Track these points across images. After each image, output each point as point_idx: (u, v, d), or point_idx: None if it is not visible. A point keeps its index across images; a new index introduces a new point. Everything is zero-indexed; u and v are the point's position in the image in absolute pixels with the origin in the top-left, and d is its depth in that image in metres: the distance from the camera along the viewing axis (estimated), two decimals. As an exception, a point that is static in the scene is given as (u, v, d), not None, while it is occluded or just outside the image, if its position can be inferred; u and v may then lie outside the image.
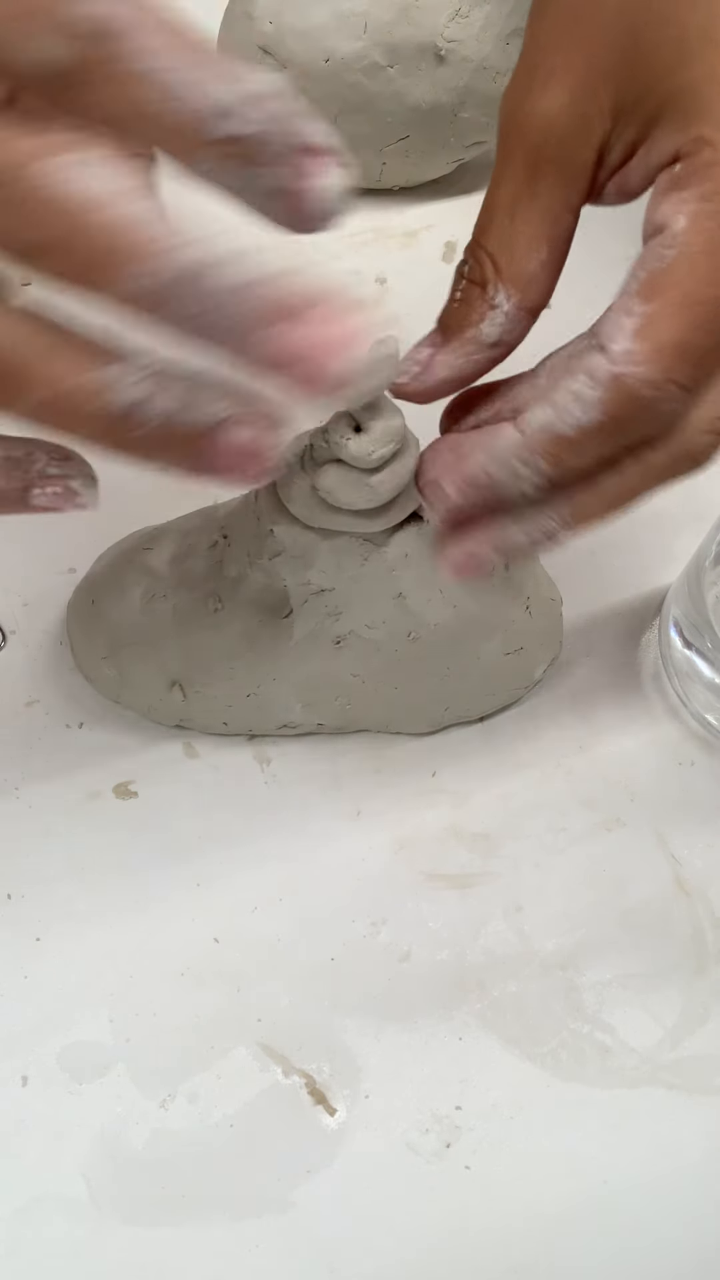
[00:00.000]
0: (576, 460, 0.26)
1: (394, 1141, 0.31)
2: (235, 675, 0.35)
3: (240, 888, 0.35)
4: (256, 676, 0.35)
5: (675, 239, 0.24)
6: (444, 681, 0.36)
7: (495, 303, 0.27)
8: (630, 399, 0.24)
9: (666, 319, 0.24)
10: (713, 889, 0.35)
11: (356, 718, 0.37)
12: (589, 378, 0.24)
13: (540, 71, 0.26)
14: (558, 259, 0.27)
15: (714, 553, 0.36)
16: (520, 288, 0.27)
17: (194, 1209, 0.30)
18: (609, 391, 0.24)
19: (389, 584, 0.33)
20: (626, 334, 0.24)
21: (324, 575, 0.33)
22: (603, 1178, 0.31)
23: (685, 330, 0.24)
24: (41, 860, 0.35)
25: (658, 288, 0.24)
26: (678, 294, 0.24)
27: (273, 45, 0.47)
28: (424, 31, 0.46)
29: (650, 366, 0.24)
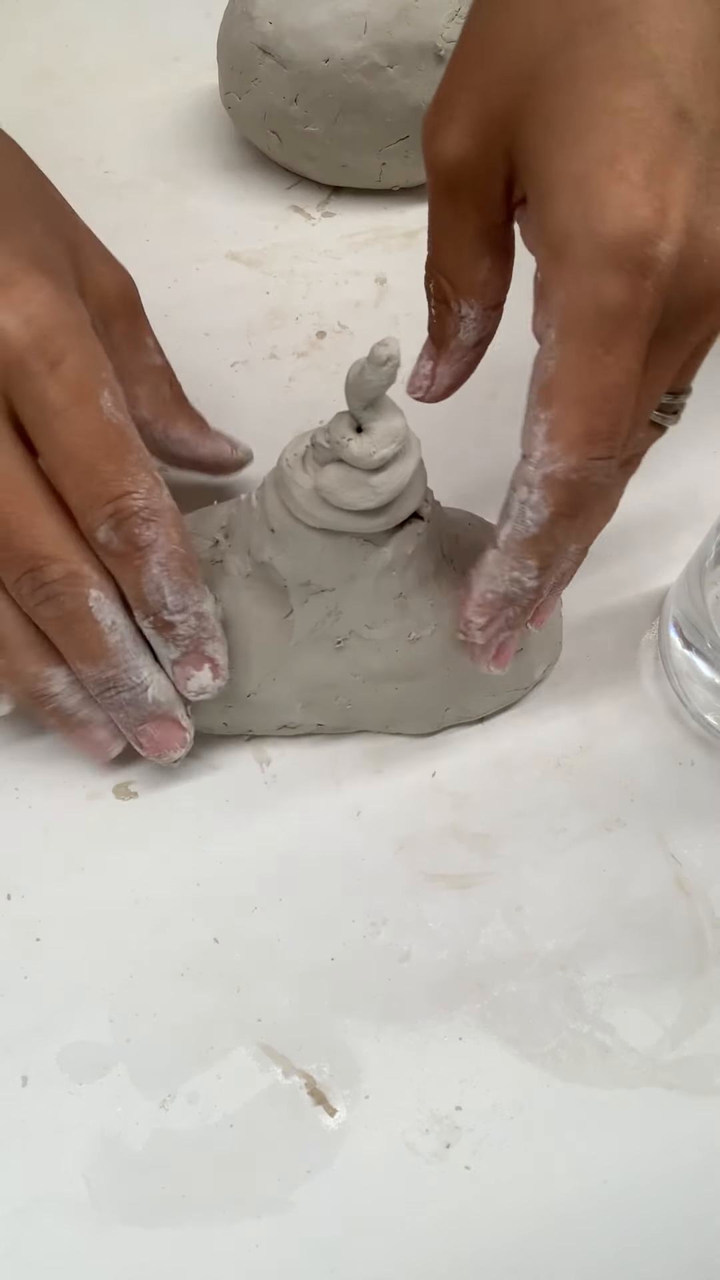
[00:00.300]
0: (550, 546, 0.30)
1: (394, 1142, 0.31)
2: (235, 675, 0.35)
3: (240, 888, 0.35)
4: (256, 676, 0.35)
5: (553, 351, 0.27)
6: (444, 683, 0.36)
7: (463, 314, 0.32)
8: (565, 488, 0.28)
9: (567, 418, 0.27)
10: (713, 889, 0.35)
11: (356, 718, 0.37)
12: (527, 487, 0.29)
13: (448, 109, 0.29)
14: (502, 262, 0.31)
15: (714, 553, 0.36)
16: (478, 296, 0.32)
17: (194, 1209, 0.30)
18: (546, 490, 0.28)
19: (390, 584, 0.33)
20: (540, 440, 0.28)
21: (324, 575, 0.33)
22: (603, 1178, 0.31)
23: (585, 421, 0.27)
24: (41, 860, 0.35)
25: (551, 396, 0.27)
26: (568, 397, 0.27)
27: (273, 45, 0.47)
28: (424, 31, 0.47)
29: (568, 458, 0.28)
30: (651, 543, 0.42)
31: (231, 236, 0.51)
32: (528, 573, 0.30)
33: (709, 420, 0.45)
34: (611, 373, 0.27)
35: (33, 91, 0.56)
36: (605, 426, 0.28)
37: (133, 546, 0.31)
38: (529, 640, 0.37)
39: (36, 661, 0.33)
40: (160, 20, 0.60)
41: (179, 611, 0.32)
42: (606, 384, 0.27)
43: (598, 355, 0.27)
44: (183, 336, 0.46)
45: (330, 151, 0.50)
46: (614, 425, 0.28)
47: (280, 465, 0.32)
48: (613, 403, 0.27)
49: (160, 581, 0.32)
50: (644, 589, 0.41)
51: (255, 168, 0.53)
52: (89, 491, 0.30)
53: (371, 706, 0.36)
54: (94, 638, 0.32)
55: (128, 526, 0.31)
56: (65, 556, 0.31)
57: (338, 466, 0.31)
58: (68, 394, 0.30)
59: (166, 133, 0.55)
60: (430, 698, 0.36)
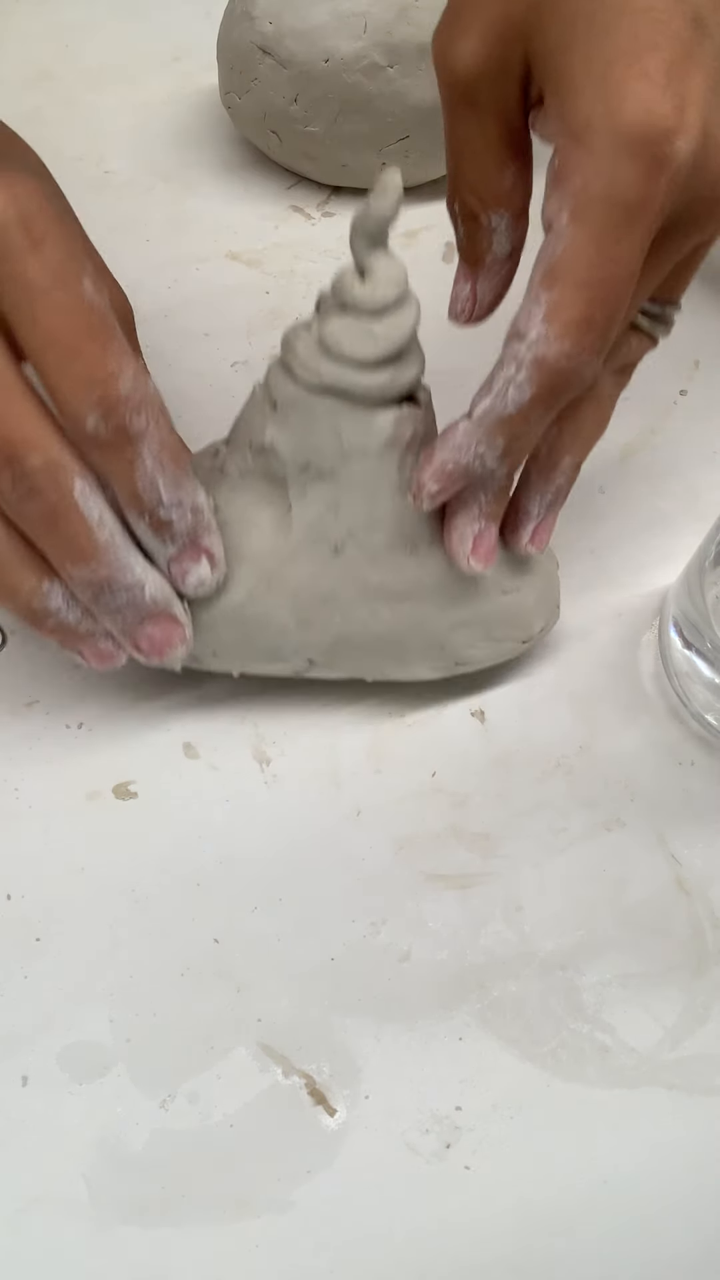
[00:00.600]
0: (521, 429, 0.30)
1: (394, 1141, 0.31)
2: (229, 583, 0.34)
3: (240, 888, 0.35)
4: (251, 582, 0.34)
5: (563, 234, 0.28)
6: (440, 610, 0.35)
7: (493, 226, 0.33)
8: (553, 373, 0.29)
9: (567, 302, 0.28)
10: (713, 889, 0.35)
11: (350, 650, 0.35)
12: (516, 365, 0.29)
13: (463, 18, 0.30)
14: (525, 166, 0.32)
15: (714, 553, 0.36)
16: (506, 204, 0.33)
17: (194, 1209, 0.30)
18: (534, 371, 0.29)
19: (386, 473, 0.33)
20: (538, 321, 0.28)
21: (323, 453, 0.33)
22: (603, 1178, 0.31)
23: (585, 307, 0.28)
24: (41, 860, 0.35)
25: (557, 277, 0.28)
26: (572, 280, 0.28)
27: (273, 45, 0.47)
28: (424, 31, 0.47)
29: (562, 342, 0.28)
30: (651, 543, 0.42)
31: (231, 236, 0.51)
32: (493, 451, 0.31)
33: (709, 420, 0.46)
34: (617, 263, 0.28)
35: (33, 91, 0.56)
36: (602, 317, 0.28)
37: (123, 436, 0.29)
38: (524, 588, 0.36)
39: (32, 575, 0.31)
40: (160, 20, 0.60)
41: (175, 506, 0.31)
42: (611, 274, 0.28)
43: (607, 243, 0.28)
44: (183, 336, 0.46)
45: (330, 151, 0.50)
46: (609, 318, 0.28)
47: (286, 334, 0.33)
48: (613, 294, 0.28)
49: (154, 475, 0.30)
50: (644, 589, 0.41)
51: (255, 168, 0.54)
52: (73, 374, 0.29)
53: (367, 632, 0.35)
54: (82, 533, 0.30)
55: (117, 414, 0.29)
56: (46, 445, 0.29)
57: (341, 316, 0.32)
58: (49, 274, 0.29)
59: (166, 133, 0.55)
60: (426, 628, 0.35)
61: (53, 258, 0.29)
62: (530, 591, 0.37)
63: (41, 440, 0.29)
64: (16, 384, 0.29)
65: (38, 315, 0.29)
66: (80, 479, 0.30)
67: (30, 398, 0.29)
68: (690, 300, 0.48)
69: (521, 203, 0.33)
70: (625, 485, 0.43)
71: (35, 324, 0.29)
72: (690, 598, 0.37)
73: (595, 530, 0.42)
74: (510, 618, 0.36)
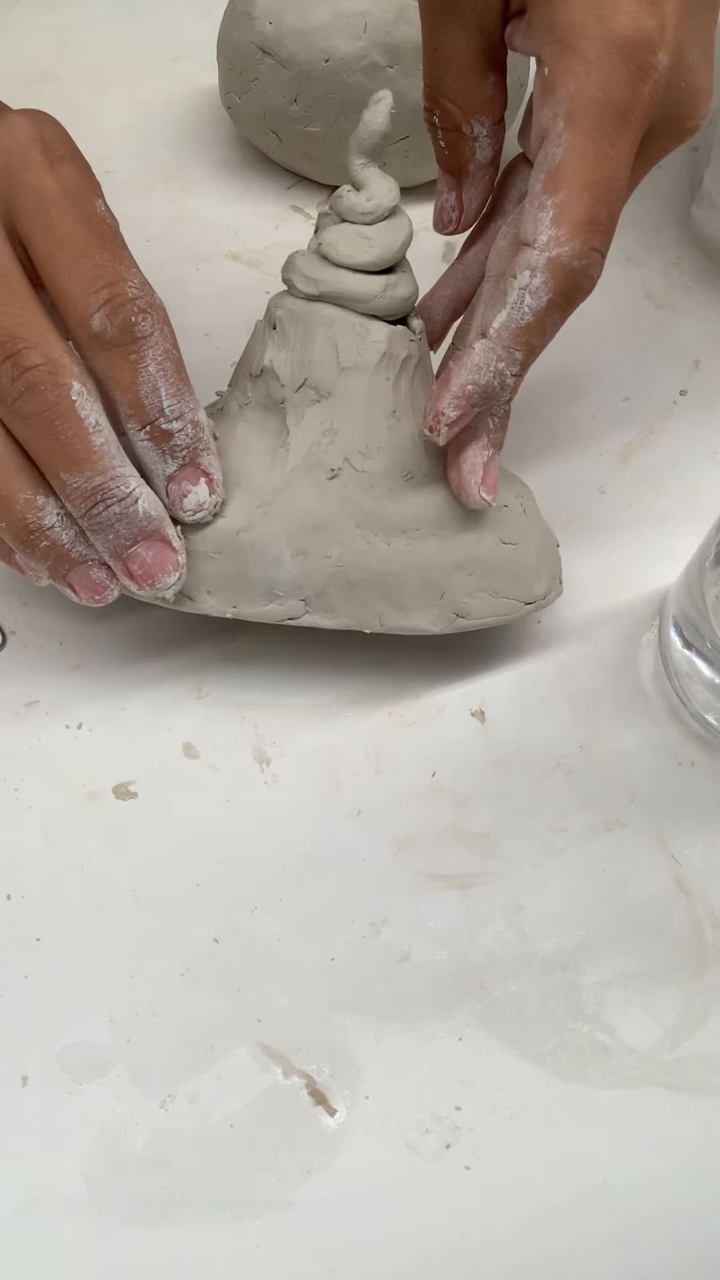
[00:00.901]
0: (539, 339, 0.31)
1: (394, 1141, 0.31)
2: (226, 509, 0.34)
3: (240, 888, 0.35)
4: (248, 509, 0.34)
5: (560, 139, 0.29)
6: (439, 549, 0.35)
7: (474, 134, 0.34)
8: (567, 273, 0.30)
9: (573, 203, 0.29)
10: (713, 889, 0.35)
11: (346, 589, 0.35)
12: (530, 271, 0.30)
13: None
14: (502, 76, 0.34)
15: (714, 553, 0.36)
16: (486, 111, 0.34)
17: (194, 1209, 0.30)
18: (549, 274, 0.29)
19: (382, 393, 0.34)
20: (546, 225, 0.29)
21: (320, 370, 0.33)
22: (603, 1178, 0.31)
23: (590, 207, 0.29)
24: (41, 860, 0.35)
25: (559, 181, 0.29)
26: (575, 182, 0.29)
27: (273, 45, 0.47)
28: (424, 31, 0.46)
29: (573, 243, 0.29)
30: (651, 543, 0.42)
31: (231, 236, 0.51)
32: (512, 365, 0.31)
33: (709, 420, 0.46)
34: (613, 163, 0.29)
35: (33, 91, 0.56)
36: (605, 216, 0.29)
37: (130, 337, 0.30)
38: (524, 543, 0.36)
39: (28, 487, 0.31)
40: (160, 20, 0.60)
41: (176, 418, 0.31)
42: (609, 174, 0.29)
43: (603, 145, 0.29)
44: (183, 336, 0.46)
45: (330, 151, 0.50)
46: (611, 216, 0.30)
47: (288, 257, 0.34)
48: (613, 192, 0.29)
49: (157, 382, 0.30)
50: (644, 589, 0.41)
51: (255, 168, 0.53)
52: (83, 274, 0.30)
53: (363, 566, 0.34)
54: (78, 437, 0.30)
55: (125, 313, 0.30)
56: (46, 344, 0.30)
57: (337, 226, 0.33)
58: (63, 188, 0.31)
59: (166, 133, 0.55)
60: (424, 567, 0.35)
61: (69, 175, 0.31)
62: (531, 548, 0.36)
63: (43, 339, 0.30)
64: (23, 288, 0.30)
65: (52, 221, 0.30)
66: (78, 381, 0.30)
67: (35, 302, 0.30)
68: (690, 300, 0.48)
69: (500, 110, 0.34)
70: (625, 485, 0.43)
71: (49, 229, 0.30)
72: (690, 598, 0.37)
73: (595, 530, 0.42)
74: (511, 570, 0.36)
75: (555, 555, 0.38)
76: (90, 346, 0.30)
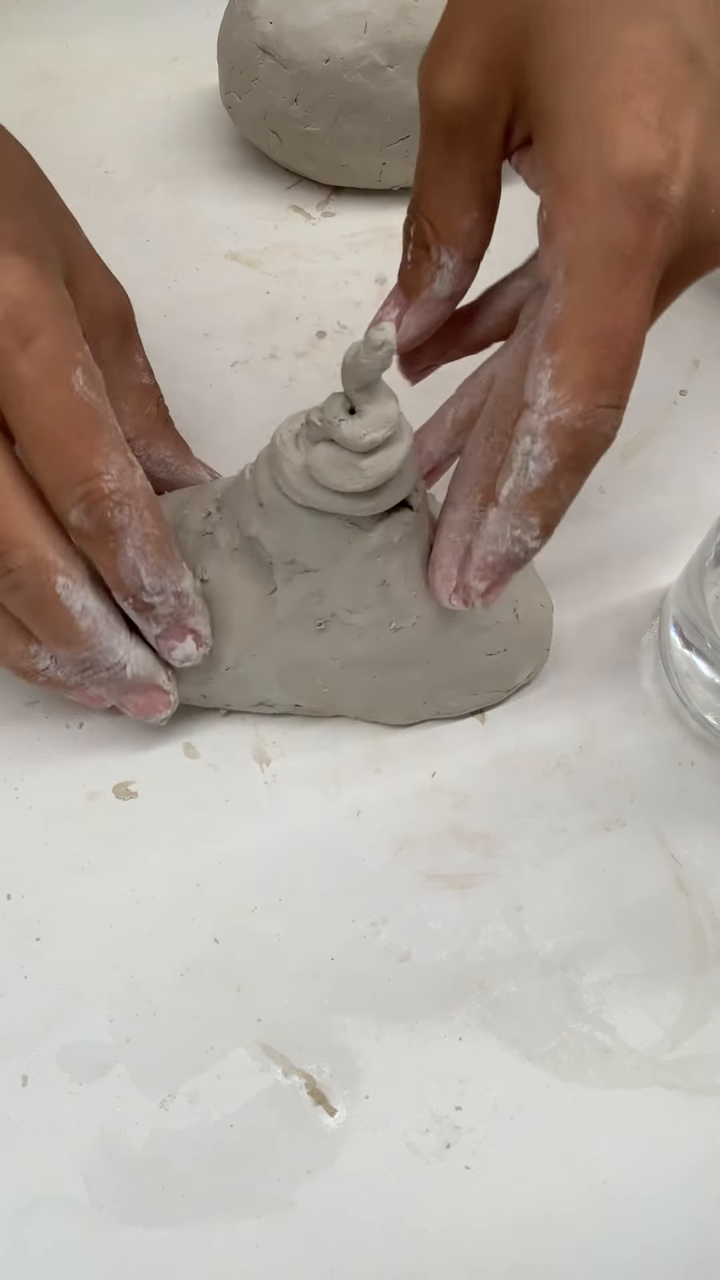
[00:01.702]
0: (554, 502, 0.29)
1: (394, 1141, 0.31)
2: (215, 647, 0.35)
3: (240, 888, 0.35)
4: (236, 650, 0.35)
5: (560, 292, 0.27)
6: (423, 675, 0.36)
7: (441, 262, 0.31)
8: (570, 436, 0.27)
9: (573, 362, 0.27)
10: (713, 889, 0.35)
11: (334, 703, 0.37)
12: (531, 437, 0.28)
13: (450, 47, 0.29)
14: (488, 215, 0.31)
15: (714, 553, 0.36)
16: (459, 245, 0.31)
17: (194, 1209, 0.30)
18: (550, 440, 0.27)
19: (373, 570, 0.33)
20: (545, 387, 0.27)
21: (309, 555, 0.33)
22: (603, 1178, 0.31)
23: (593, 364, 0.27)
24: (41, 860, 0.35)
25: (558, 339, 0.27)
26: (575, 339, 0.26)
27: (273, 45, 0.47)
28: (424, 32, 0.47)
29: (574, 404, 0.27)
30: (651, 543, 0.42)
31: (231, 236, 0.51)
32: (530, 531, 0.29)
33: (709, 420, 0.46)
34: (621, 315, 0.26)
35: (33, 91, 0.56)
36: (613, 372, 0.27)
37: (105, 530, 0.30)
38: (512, 648, 0.37)
39: (19, 641, 0.33)
40: (160, 20, 0.60)
41: (157, 593, 0.32)
42: (615, 326, 0.26)
43: (607, 296, 0.26)
44: (183, 336, 0.46)
45: (330, 151, 0.50)
46: (622, 371, 0.27)
47: (274, 440, 0.32)
48: (622, 347, 0.27)
49: (136, 564, 0.31)
50: (644, 589, 0.41)
51: (255, 168, 0.54)
52: (59, 471, 0.30)
53: (349, 693, 0.36)
54: (64, 624, 0.31)
55: (100, 509, 0.30)
56: (30, 541, 0.30)
57: (328, 446, 0.31)
58: (39, 371, 0.29)
59: (166, 133, 0.55)
60: (408, 690, 0.36)
61: (43, 354, 0.29)
62: (518, 650, 0.37)
63: (27, 537, 0.30)
64: (10, 479, 0.30)
65: (27, 412, 0.30)
66: (63, 575, 0.31)
67: (21, 491, 0.30)
68: (690, 300, 0.48)
69: (475, 250, 0.32)
70: (625, 485, 0.43)
71: (25, 420, 0.30)
72: (690, 598, 0.37)
73: (595, 530, 0.42)
74: (495, 674, 0.37)
75: (546, 633, 0.38)
76: (73, 534, 0.31)
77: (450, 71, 0.29)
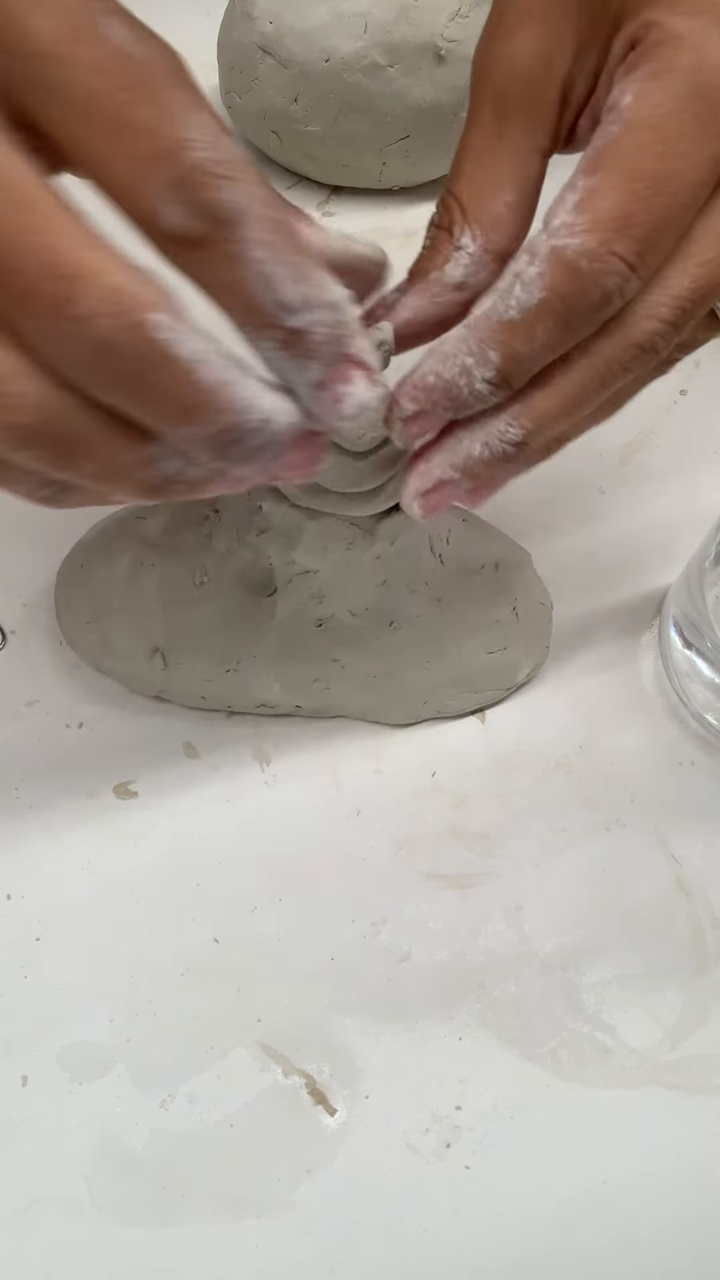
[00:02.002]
0: (524, 345, 0.24)
1: (394, 1141, 0.31)
2: (216, 649, 0.35)
3: (240, 888, 0.35)
4: (237, 652, 0.35)
5: (621, 115, 0.23)
6: (423, 674, 0.36)
7: (460, 244, 0.27)
8: (570, 272, 0.23)
9: (607, 191, 0.23)
10: (713, 889, 0.35)
11: (334, 703, 0.37)
12: (529, 255, 0.24)
13: (507, 18, 0.26)
14: (526, 202, 0.27)
15: (714, 553, 0.36)
16: (485, 228, 0.27)
17: (194, 1209, 0.30)
18: (548, 266, 0.23)
19: (373, 571, 0.34)
20: (568, 208, 0.23)
21: (309, 556, 0.33)
22: (603, 1178, 0.31)
23: (625, 201, 0.23)
24: (41, 860, 0.35)
25: (601, 162, 0.23)
26: (619, 167, 0.23)
27: (273, 45, 0.47)
28: (424, 31, 0.46)
29: (588, 237, 0.23)
30: (651, 543, 0.42)
31: (231, 236, 0.51)
32: (483, 368, 0.24)
33: (709, 420, 0.45)
34: (680, 159, 0.23)
35: (33, 91, 0.56)
36: (644, 220, 0.23)
37: (217, 222, 0.21)
38: (512, 645, 0.37)
39: (133, 446, 0.23)
40: (160, 20, 0.59)
41: (305, 309, 0.22)
42: (668, 170, 0.23)
43: (672, 133, 0.23)
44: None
45: (330, 151, 0.50)
46: (654, 225, 0.23)
47: None
48: (665, 196, 0.23)
49: (270, 269, 0.21)
50: (644, 589, 0.41)
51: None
52: (128, 154, 0.20)
53: (349, 693, 0.36)
54: (183, 382, 0.21)
55: (203, 192, 0.20)
56: (101, 268, 0.20)
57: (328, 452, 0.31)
58: (61, 26, 0.20)
59: (166, 133, 0.55)
60: (409, 689, 0.36)
61: (56, 6, 0.20)
62: (518, 646, 0.37)
63: (95, 264, 0.21)
64: (41, 194, 0.21)
65: (58, 84, 0.20)
66: (158, 313, 0.21)
67: (61, 211, 0.21)
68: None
69: (501, 240, 0.27)
70: (625, 485, 0.43)
71: (59, 99, 0.21)
72: (690, 598, 0.37)
73: (595, 530, 0.42)
74: (495, 672, 0.37)
75: (545, 631, 0.38)
76: (170, 250, 0.22)
77: (508, 39, 0.26)
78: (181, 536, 0.35)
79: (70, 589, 0.36)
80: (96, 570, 0.36)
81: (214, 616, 0.35)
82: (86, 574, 0.36)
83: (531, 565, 0.38)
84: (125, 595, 0.35)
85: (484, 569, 0.36)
